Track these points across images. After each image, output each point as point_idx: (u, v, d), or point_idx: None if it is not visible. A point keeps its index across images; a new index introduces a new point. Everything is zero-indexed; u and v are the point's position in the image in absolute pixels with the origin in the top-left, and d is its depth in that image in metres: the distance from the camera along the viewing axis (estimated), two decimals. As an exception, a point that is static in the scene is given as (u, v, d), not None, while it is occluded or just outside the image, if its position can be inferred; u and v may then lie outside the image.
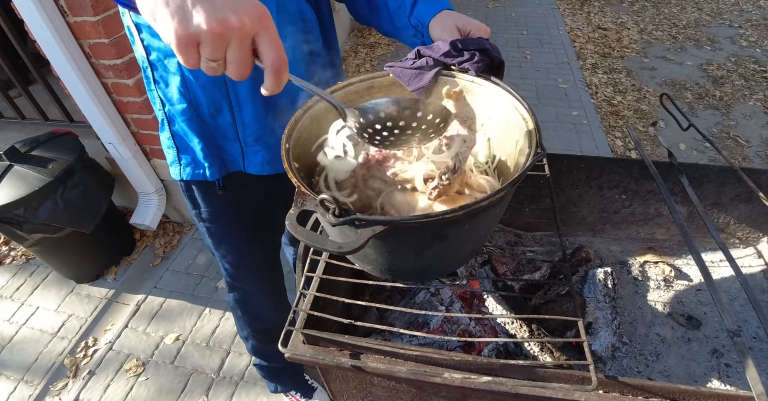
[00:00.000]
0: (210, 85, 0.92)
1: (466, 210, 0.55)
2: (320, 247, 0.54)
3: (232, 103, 0.96)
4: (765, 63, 3.89)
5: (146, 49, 0.92)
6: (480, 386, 0.66)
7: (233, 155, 1.05)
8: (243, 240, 1.26)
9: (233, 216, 1.19)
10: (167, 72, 0.93)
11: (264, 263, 1.37)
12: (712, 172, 1.09)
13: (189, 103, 0.96)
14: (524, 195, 1.16)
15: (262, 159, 1.05)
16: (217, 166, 1.06)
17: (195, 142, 1.02)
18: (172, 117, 1.00)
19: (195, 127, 0.99)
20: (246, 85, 0.93)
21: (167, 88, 0.95)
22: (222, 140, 1.03)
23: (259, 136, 1.02)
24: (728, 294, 1.14)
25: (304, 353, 0.73)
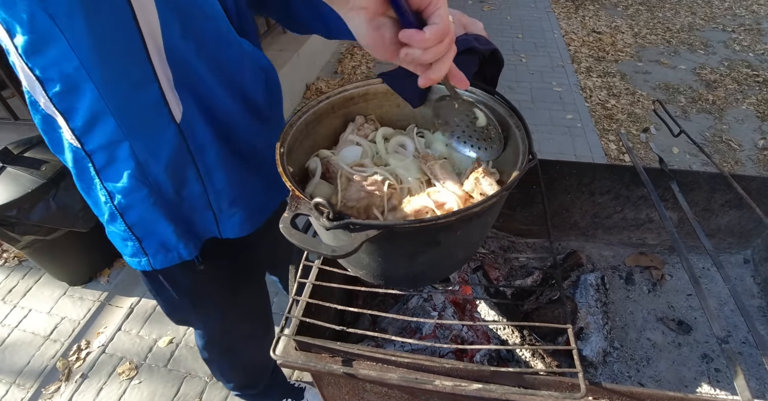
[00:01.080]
0: (172, 161, 0.80)
1: (459, 215, 0.55)
2: (314, 250, 0.54)
3: (200, 172, 0.85)
4: (758, 67, 3.93)
5: (80, 138, 0.74)
6: (471, 393, 0.67)
7: (205, 224, 0.94)
8: (232, 293, 1.15)
9: (217, 279, 1.09)
10: (114, 159, 0.78)
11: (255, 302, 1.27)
12: (703, 178, 1.10)
13: (149, 188, 0.82)
14: (517, 201, 1.17)
15: (240, 220, 0.95)
16: (193, 242, 0.94)
17: (163, 226, 0.88)
18: (125, 208, 0.84)
19: (160, 211, 0.86)
20: (213, 152, 0.84)
21: (116, 177, 0.80)
22: (190, 213, 0.91)
23: (234, 199, 0.92)
24: (719, 299, 1.15)
25: (295, 360, 0.73)
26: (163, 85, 0.71)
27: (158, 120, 0.74)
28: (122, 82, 0.68)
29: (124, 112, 0.71)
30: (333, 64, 4.13)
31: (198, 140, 0.81)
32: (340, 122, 0.86)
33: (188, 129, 0.78)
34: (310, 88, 3.70)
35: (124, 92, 0.69)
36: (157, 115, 0.74)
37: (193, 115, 0.78)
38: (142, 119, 0.74)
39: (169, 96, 0.73)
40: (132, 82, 0.69)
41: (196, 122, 0.79)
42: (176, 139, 0.78)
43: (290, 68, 3.32)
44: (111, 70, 0.66)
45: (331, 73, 4.01)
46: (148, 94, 0.70)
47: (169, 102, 0.73)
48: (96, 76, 0.65)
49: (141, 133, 0.75)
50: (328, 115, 0.84)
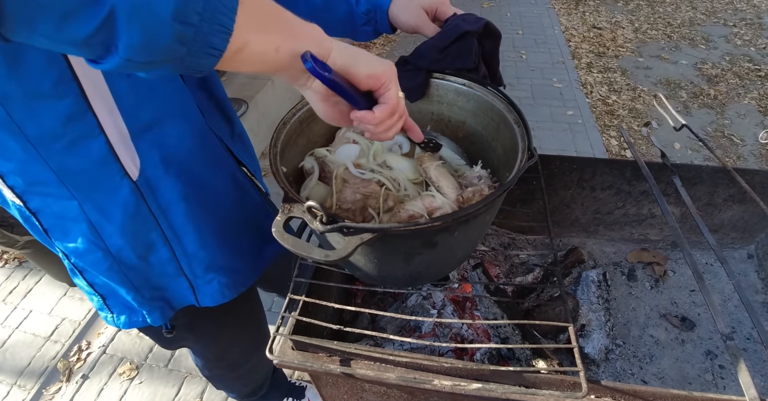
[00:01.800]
0: (130, 222, 0.70)
1: (456, 217, 0.54)
2: (307, 256, 0.53)
3: (167, 236, 0.75)
4: (759, 62, 3.90)
5: (21, 197, 0.64)
6: (470, 392, 0.66)
7: (180, 292, 0.84)
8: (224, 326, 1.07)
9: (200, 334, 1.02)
10: (63, 219, 0.68)
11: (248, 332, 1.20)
12: (705, 172, 1.09)
13: (104, 251, 0.72)
14: (517, 197, 1.16)
15: (219, 286, 0.85)
16: (160, 310, 0.83)
17: (123, 292, 0.78)
18: (83, 268, 0.75)
19: (118, 276, 0.75)
20: (180, 211, 0.74)
21: (67, 238, 0.70)
22: (160, 279, 0.81)
23: (211, 263, 0.82)
24: (722, 295, 1.13)
25: (292, 360, 0.72)
26: (112, 139, 0.61)
27: (108, 177, 0.64)
28: (59, 137, 0.58)
29: (66, 170, 0.62)
30: (332, 63, 4.11)
31: (161, 199, 0.71)
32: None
33: (148, 187, 0.68)
34: (309, 86, 3.68)
35: (61, 149, 0.59)
36: (107, 171, 0.64)
37: (154, 169, 0.68)
38: (89, 176, 0.63)
39: (120, 150, 0.63)
40: (70, 137, 0.59)
41: (158, 177, 0.69)
42: (133, 198, 0.68)
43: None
44: (44, 124, 0.56)
45: (331, 71, 3.99)
46: (93, 149, 0.61)
47: (120, 157, 0.63)
48: (29, 131, 0.56)
49: (89, 191, 0.65)
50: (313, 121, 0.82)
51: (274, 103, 3.06)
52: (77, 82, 0.55)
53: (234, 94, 2.83)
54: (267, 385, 1.54)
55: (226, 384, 1.41)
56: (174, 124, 0.69)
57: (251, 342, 1.22)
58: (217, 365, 1.23)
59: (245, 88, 2.93)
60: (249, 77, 3.22)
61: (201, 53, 0.38)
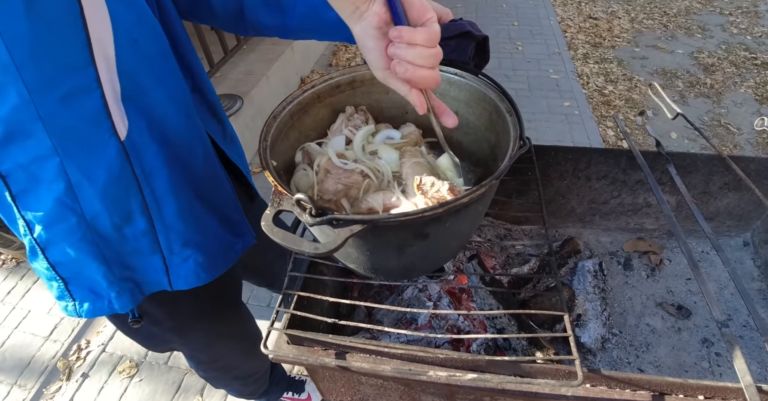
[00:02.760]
0: (114, 186, 0.67)
1: (446, 207, 0.53)
2: (297, 249, 0.53)
3: (148, 203, 0.72)
4: (756, 50, 3.88)
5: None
6: (466, 383, 0.66)
7: (151, 274, 0.80)
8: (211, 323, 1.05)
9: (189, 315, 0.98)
10: (37, 180, 0.64)
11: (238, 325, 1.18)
12: (700, 160, 1.08)
13: (78, 217, 0.68)
14: (512, 188, 1.16)
15: (195, 265, 0.81)
16: (128, 293, 0.78)
17: (92, 269, 0.73)
18: (47, 242, 0.70)
19: (90, 248, 0.71)
20: (163, 177, 0.72)
21: (37, 204, 0.66)
22: (131, 258, 0.76)
23: (188, 237, 0.79)
24: (718, 283, 1.14)
25: (287, 354, 0.72)
26: (107, 96, 0.61)
27: (98, 135, 0.63)
28: (58, 85, 0.58)
29: (56, 122, 0.60)
30: (327, 57, 4.09)
31: (146, 163, 0.69)
32: (328, 112, 0.84)
33: (134, 149, 0.67)
34: (305, 81, 3.67)
35: (57, 98, 0.58)
36: (96, 129, 0.62)
37: (140, 132, 0.67)
38: (78, 132, 0.62)
39: (113, 108, 0.62)
40: (68, 88, 0.58)
41: (144, 141, 0.68)
42: (118, 159, 0.66)
43: (284, 62, 3.29)
44: (46, 70, 0.56)
45: (326, 65, 3.98)
46: (88, 105, 0.60)
47: (112, 115, 0.63)
48: (28, 76, 0.55)
49: (75, 148, 0.63)
50: (314, 105, 0.82)
51: (269, 98, 3.04)
52: (86, 33, 0.56)
53: (229, 90, 2.82)
54: (267, 383, 1.55)
55: (225, 384, 1.41)
56: (161, 96, 0.70)
57: (244, 345, 1.21)
58: (211, 367, 1.23)
59: (240, 84, 2.91)
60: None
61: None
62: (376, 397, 0.86)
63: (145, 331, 0.94)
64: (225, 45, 3.00)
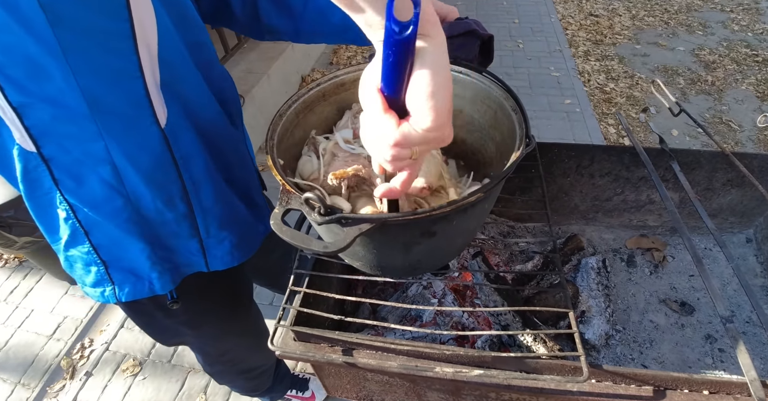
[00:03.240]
0: (155, 170, 0.70)
1: (454, 206, 0.54)
2: (306, 248, 0.53)
3: (187, 188, 0.75)
4: (757, 47, 3.88)
5: (36, 140, 0.61)
6: (472, 379, 0.66)
7: (189, 257, 0.84)
8: (221, 317, 1.07)
9: (198, 316, 1.00)
10: (81, 165, 0.66)
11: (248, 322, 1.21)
12: (704, 157, 1.08)
13: (125, 199, 0.70)
14: (516, 185, 1.16)
15: (231, 246, 0.86)
16: (170, 273, 0.82)
17: (137, 249, 0.76)
18: (92, 225, 0.72)
19: (135, 229, 0.74)
20: (200, 163, 0.75)
21: (82, 187, 0.68)
22: (171, 240, 0.80)
23: (224, 220, 0.83)
24: (721, 280, 1.14)
25: (294, 350, 0.72)
26: (149, 83, 0.63)
27: (141, 121, 0.65)
28: (102, 71, 0.59)
29: (101, 106, 0.61)
30: (328, 55, 4.09)
31: (184, 149, 0.72)
32: (333, 110, 0.84)
33: (173, 135, 0.69)
34: (305, 79, 3.67)
35: (103, 82, 0.60)
36: (140, 115, 0.65)
37: (179, 120, 0.70)
38: (122, 117, 0.64)
39: (153, 95, 0.65)
40: (113, 73, 0.60)
41: (182, 129, 0.71)
42: (160, 146, 0.68)
43: (285, 60, 3.29)
44: (91, 55, 0.57)
45: (326, 64, 3.98)
46: (131, 90, 0.62)
47: (153, 102, 0.65)
48: (74, 60, 0.56)
49: (119, 132, 0.65)
50: (319, 103, 0.82)
51: (270, 97, 3.04)
52: (131, 21, 0.58)
53: (229, 89, 2.82)
54: (270, 379, 1.55)
55: (229, 380, 1.41)
56: (196, 84, 0.74)
57: (251, 341, 1.23)
58: (218, 361, 1.24)
59: (241, 83, 2.91)
60: (244, 71, 3.20)
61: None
62: (381, 394, 0.87)
63: (159, 324, 0.96)
64: (226, 43, 2.99)
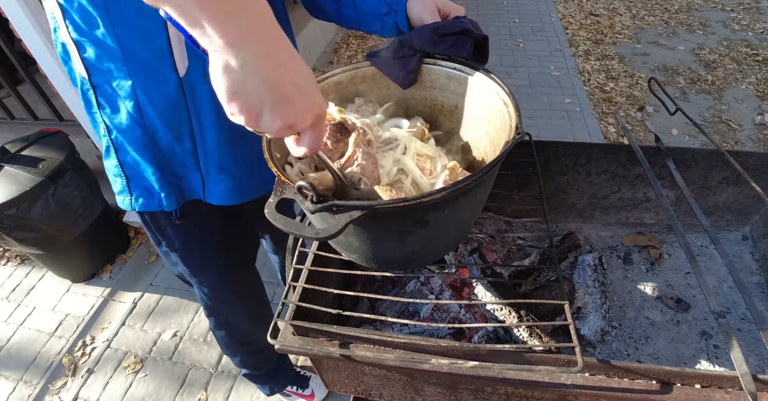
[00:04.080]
0: (170, 112, 0.85)
1: (444, 193, 0.55)
2: (298, 234, 0.54)
3: (194, 130, 0.88)
4: (757, 46, 3.88)
5: (88, 69, 0.81)
6: (467, 371, 0.67)
7: (192, 184, 0.97)
8: (221, 260, 1.18)
9: (205, 240, 1.11)
10: (116, 96, 0.83)
11: (244, 280, 1.30)
12: (699, 155, 1.09)
13: (143, 129, 0.86)
14: (513, 182, 1.17)
15: (226, 188, 0.97)
16: (174, 196, 0.96)
17: (149, 172, 0.92)
18: (120, 145, 0.90)
19: (150, 155, 0.90)
20: (209, 112, 0.87)
21: (115, 113, 0.85)
22: (179, 168, 0.94)
23: (223, 164, 0.94)
24: (717, 277, 1.15)
25: (293, 344, 0.73)
26: (172, 39, 0.76)
27: (161, 69, 0.79)
28: (133, 26, 0.74)
29: (131, 54, 0.77)
30: (328, 54, 4.10)
31: (198, 100, 0.85)
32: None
33: (189, 85, 0.83)
34: (305, 79, 3.68)
35: (134, 36, 0.75)
36: (162, 64, 0.79)
37: (197, 73, 0.82)
38: (147, 64, 0.79)
39: (176, 49, 0.78)
40: (143, 28, 0.74)
41: (198, 81, 0.83)
42: (176, 92, 0.82)
43: (285, 60, 3.29)
44: (125, 13, 0.72)
45: (327, 63, 3.99)
46: (156, 43, 0.76)
47: (175, 55, 0.78)
48: (113, 15, 0.72)
49: (144, 76, 0.80)
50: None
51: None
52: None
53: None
54: (273, 363, 1.57)
55: (231, 349, 1.46)
56: None
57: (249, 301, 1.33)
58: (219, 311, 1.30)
59: None
60: None
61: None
62: (379, 388, 0.88)
63: (158, 242, 1.10)
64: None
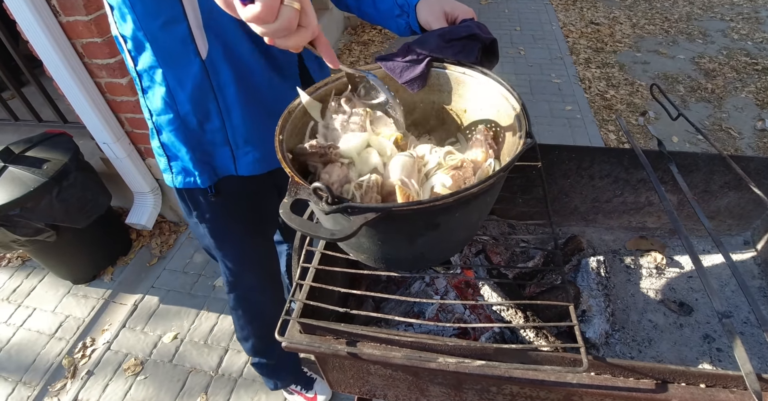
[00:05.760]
0: (197, 93, 0.93)
1: (457, 196, 0.55)
2: (313, 234, 0.55)
3: (221, 108, 0.97)
4: (756, 55, 3.92)
5: (134, 60, 0.92)
6: (474, 370, 0.67)
7: (223, 160, 1.06)
8: (244, 236, 1.27)
9: (232, 216, 1.20)
10: (153, 82, 0.94)
11: (264, 258, 1.40)
12: (701, 160, 1.10)
13: (175, 113, 0.97)
14: (517, 185, 1.18)
15: (254, 159, 1.06)
16: (208, 174, 1.06)
17: (183, 152, 1.03)
18: (159, 127, 1.01)
19: (182, 136, 1.00)
20: (232, 91, 0.95)
21: (153, 98, 0.96)
22: (210, 147, 1.04)
23: (249, 137, 1.03)
24: (719, 281, 1.15)
25: (300, 342, 0.74)
26: (192, 25, 0.84)
27: (185, 54, 0.88)
28: (156, 17, 0.83)
29: (157, 44, 0.86)
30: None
31: (220, 78, 0.93)
32: (339, 108, 0.86)
33: (212, 66, 0.90)
34: (308, 84, 3.70)
35: (158, 26, 0.84)
36: (185, 50, 0.87)
37: (218, 54, 0.90)
38: (171, 52, 0.88)
39: (196, 34, 0.86)
40: (164, 18, 0.83)
41: (219, 62, 0.90)
42: (201, 74, 0.91)
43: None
44: (148, 6, 0.82)
45: (330, 69, 4.01)
46: (178, 31, 0.84)
47: (196, 39, 0.86)
48: (138, 9, 0.82)
49: (171, 63, 0.89)
50: (326, 101, 0.84)
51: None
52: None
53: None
54: (278, 356, 1.59)
55: (245, 332, 1.50)
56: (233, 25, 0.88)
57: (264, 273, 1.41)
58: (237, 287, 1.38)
59: None
60: None
61: None
62: (384, 389, 0.88)
63: (190, 215, 1.19)
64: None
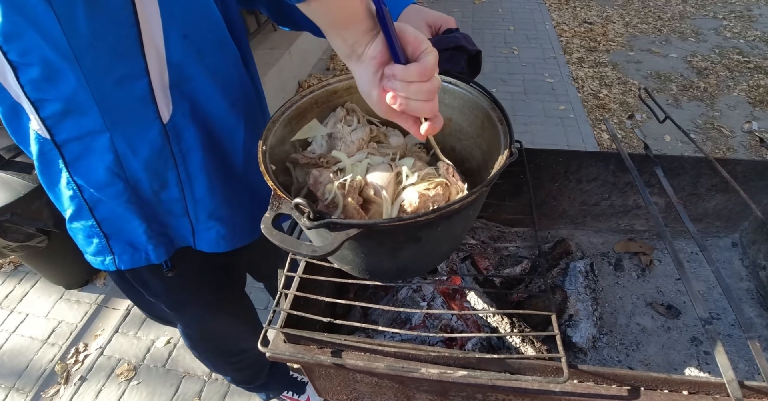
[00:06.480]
0: (154, 160, 0.78)
1: (439, 213, 0.55)
2: (295, 251, 0.54)
3: (181, 178, 0.83)
4: (749, 54, 3.93)
5: (50, 129, 0.70)
6: (457, 380, 0.67)
7: (181, 232, 0.91)
8: (206, 305, 1.13)
9: (193, 290, 1.07)
10: (88, 152, 0.75)
11: (235, 311, 1.25)
12: (688, 163, 1.11)
13: (125, 182, 0.79)
14: (505, 190, 1.18)
15: (217, 235, 0.92)
16: (164, 246, 0.90)
17: (135, 225, 0.85)
18: (96, 203, 0.81)
19: (134, 208, 0.83)
20: (197, 157, 0.82)
21: (87, 170, 0.77)
22: (167, 217, 0.88)
23: (214, 211, 0.89)
24: (707, 283, 1.16)
25: (284, 352, 0.74)
26: (154, 83, 0.71)
27: (143, 116, 0.73)
28: (109, 72, 0.67)
29: (108, 104, 0.70)
30: (325, 61, 4.12)
31: (184, 144, 0.80)
32: (325, 117, 0.86)
33: (174, 131, 0.77)
34: (302, 85, 3.70)
35: (110, 83, 0.68)
36: (143, 111, 0.73)
37: (184, 118, 0.77)
38: (126, 113, 0.72)
39: (158, 95, 0.72)
40: (120, 74, 0.68)
41: (185, 126, 0.78)
42: (160, 139, 0.76)
43: (282, 66, 3.32)
44: (101, 59, 0.65)
45: (323, 70, 4.01)
46: (136, 89, 0.70)
47: (157, 100, 0.73)
48: (85, 64, 0.64)
49: (123, 126, 0.73)
50: (312, 110, 0.83)
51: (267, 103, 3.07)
52: (138, 28, 0.64)
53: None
54: (264, 375, 1.56)
55: (218, 368, 1.43)
56: (209, 84, 0.78)
57: (239, 330, 1.27)
58: (203, 345, 1.27)
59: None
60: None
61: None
62: (371, 395, 0.88)
63: (137, 297, 1.05)
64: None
